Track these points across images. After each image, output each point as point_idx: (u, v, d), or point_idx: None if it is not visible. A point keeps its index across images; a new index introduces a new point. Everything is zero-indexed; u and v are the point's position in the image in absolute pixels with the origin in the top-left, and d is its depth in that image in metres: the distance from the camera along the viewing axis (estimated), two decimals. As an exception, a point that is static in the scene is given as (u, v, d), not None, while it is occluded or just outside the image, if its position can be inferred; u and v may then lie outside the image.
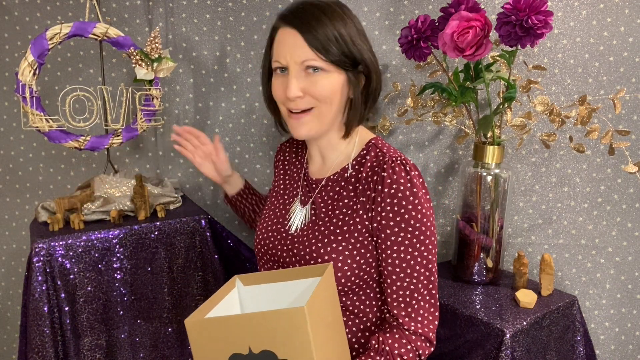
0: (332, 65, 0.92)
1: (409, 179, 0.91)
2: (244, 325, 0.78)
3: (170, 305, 1.34)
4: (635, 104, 1.41)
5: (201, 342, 0.81)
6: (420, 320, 0.93)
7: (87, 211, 1.32)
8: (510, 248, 1.52)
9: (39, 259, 1.18)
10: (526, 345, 1.16)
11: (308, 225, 1.00)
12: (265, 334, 0.77)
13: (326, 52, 0.90)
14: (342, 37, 0.91)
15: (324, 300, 0.85)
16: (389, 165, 0.92)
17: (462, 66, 1.30)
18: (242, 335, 0.78)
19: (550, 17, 1.07)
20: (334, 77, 0.93)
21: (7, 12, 1.53)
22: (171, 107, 1.60)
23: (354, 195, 0.97)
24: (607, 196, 1.47)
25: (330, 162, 1.05)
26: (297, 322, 0.75)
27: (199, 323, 0.80)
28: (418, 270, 0.92)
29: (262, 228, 1.09)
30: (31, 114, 1.26)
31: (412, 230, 0.91)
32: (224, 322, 0.79)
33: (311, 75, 0.93)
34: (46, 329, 1.18)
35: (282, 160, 1.19)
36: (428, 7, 1.44)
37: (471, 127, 1.38)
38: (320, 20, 0.90)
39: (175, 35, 1.54)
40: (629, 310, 1.52)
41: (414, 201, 0.91)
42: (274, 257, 1.04)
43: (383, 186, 0.92)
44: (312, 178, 1.06)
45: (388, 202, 0.91)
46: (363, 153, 1.00)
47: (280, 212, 1.08)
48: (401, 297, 0.93)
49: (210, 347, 0.80)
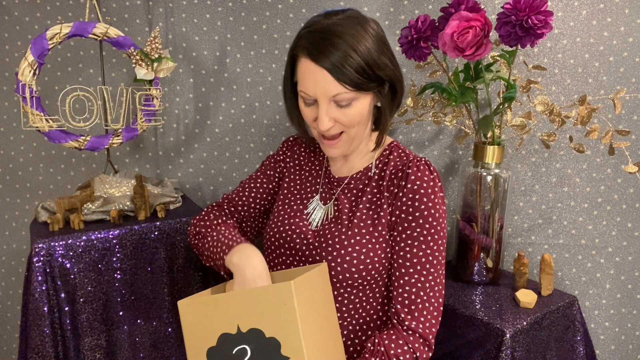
0: (360, 92, 0.93)
1: (432, 179, 0.97)
2: (232, 303, 0.80)
3: (170, 305, 1.34)
4: (635, 104, 1.41)
5: (192, 322, 0.83)
6: (422, 320, 0.93)
7: (87, 211, 1.32)
8: (510, 248, 1.52)
9: (39, 259, 1.18)
10: (526, 345, 1.16)
11: (331, 221, 1.03)
12: (252, 311, 0.78)
13: (355, 84, 0.91)
14: (367, 64, 0.90)
15: (316, 288, 0.86)
16: (414, 163, 0.98)
17: (462, 66, 1.30)
18: (230, 314, 0.80)
19: (550, 17, 1.07)
20: (361, 102, 0.94)
21: (7, 12, 1.53)
22: (171, 107, 1.60)
23: (378, 191, 1.01)
24: (607, 196, 1.47)
25: (353, 163, 1.08)
26: (284, 297, 0.76)
27: (190, 304, 0.83)
28: (428, 269, 0.94)
29: (278, 221, 1.08)
30: (31, 114, 1.26)
31: (428, 227, 0.95)
32: (213, 302, 0.81)
33: (341, 106, 0.94)
34: (46, 329, 1.18)
35: (297, 155, 1.18)
36: (428, 7, 1.44)
37: (471, 127, 1.38)
38: (344, 51, 0.88)
39: (175, 35, 1.54)
40: (629, 310, 1.52)
41: (434, 200, 0.96)
42: (290, 250, 1.05)
43: (407, 182, 0.97)
44: (334, 176, 1.09)
45: (410, 197, 0.96)
46: (386, 153, 1.05)
47: (297, 207, 1.09)
48: (407, 293, 0.94)
49: (200, 327, 0.82)
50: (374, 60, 0.91)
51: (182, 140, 1.62)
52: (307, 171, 1.15)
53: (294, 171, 1.16)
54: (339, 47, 0.88)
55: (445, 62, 1.31)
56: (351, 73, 0.89)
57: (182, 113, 1.61)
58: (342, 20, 0.91)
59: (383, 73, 0.94)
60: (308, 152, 1.17)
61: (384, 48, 0.95)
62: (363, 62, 0.90)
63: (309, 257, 1.02)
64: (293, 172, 1.16)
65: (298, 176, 1.16)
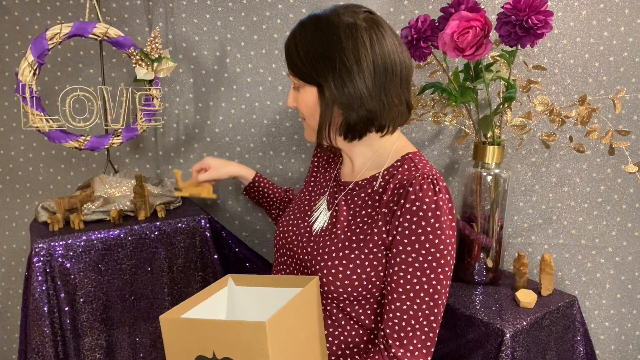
0: (300, 81, 0.94)
1: (435, 200, 0.87)
2: (210, 330, 0.80)
3: (170, 305, 1.34)
4: (635, 104, 1.41)
5: (172, 339, 0.84)
6: (410, 349, 0.88)
7: (87, 211, 1.32)
8: (510, 248, 1.52)
9: (39, 259, 1.18)
10: (526, 345, 1.16)
11: (327, 229, 0.99)
12: (228, 341, 0.79)
13: (290, 67, 0.94)
14: (299, 56, 0.92)
15: (297, 315, 0.85)
16: (417, 181, 0.89)
17: (462, 66, 1.30)
18: (208, 339, 0.80)
19: (550, 17, 1.07)
20: (305, 91, 0.95)
21: (7, 12, 1.53)
22: (171, 107, 1.60)
23: (378, 206, 0.94)
24: (607, 196, 1.47)
25: (359, 167, 1.03)
26: (258, 335, 0.76)
27: (171, 321, 0.83)
28: (422, 297, 0.87)
29: (283, 221, 1.08)
30: (31, 114, 1.26)
31: (425, 254, 0.87)
32: (192, 324, 0.82)
33: (296, 88, 0.98)
34: (46, 329, 1.18)
35: (320, 156, 1.18)
36: (428, 7, 1.44)
37: (471, 127, 1.38)
38: (293, 38, 0.93)
39: (175, 35, 1.54)
40: (629, 310, 1.52)
41: (435, 224, 0.86)
42: (289, 251, 1.04)
43: (406, 201, 0.88)
44: (341, 180, 1.05)
45: (407, 218, 0.87)
46: (396, 165, 0.96)
47: (304, 208, 1.08)
48: (397, 319, 0.88)
49: (179, 346, 0.83)
50: (309, 58, 0.91)
51: (182, 140, 1.62)
52: (322, 172, 1.14)
53: (315, 170, 1.17)
54: (295, 33, 0.93)
55: (445, 62, 1.31)
56: (291, 57, 0.93)
57: (182, 113, 1.61)
58: (322, 14, 0.93)
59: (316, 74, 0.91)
60: (328, 152, 1.16)
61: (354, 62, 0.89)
62: (296, 53, 0.92)
63: (302, 261, 1.00)
64: (314, 171, 1.17)
65: (315, 176, 1.15)
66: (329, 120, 0.93)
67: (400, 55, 0.92)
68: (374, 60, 0.89)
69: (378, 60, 0.89)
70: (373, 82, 0.90)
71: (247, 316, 0.98)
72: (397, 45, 0.92)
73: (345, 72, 0.88)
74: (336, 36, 0.88)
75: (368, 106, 0.91)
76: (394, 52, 0.91)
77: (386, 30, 0.92)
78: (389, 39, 0.91)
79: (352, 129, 0.94)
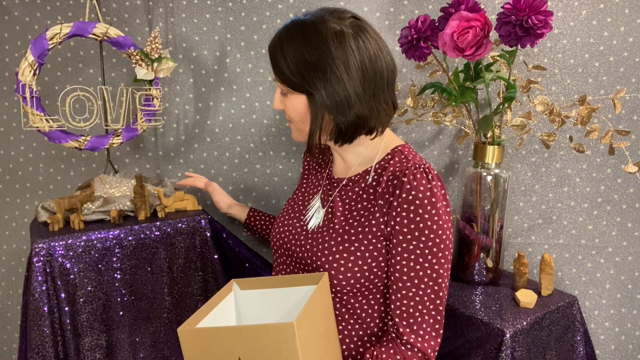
0: (287, 88, 0.95)
1: (430, 188, 0.91)
2: (234, 337, 0.79)
3: (170, 305, 1.34)
4: (635, 104, 1.41)
5: (193, 351, 0.81)
6: (421, 334, 0.91)
7: (87, 211, 1.32)
8: (510, 248, 1.52)
9: (39, 259, 1.18)
10: (526, 345, 1.16)
11: (324, 225, 1.01)
12: (254, 347, 0.78)
13: (277, 75, 0.95)
14: (287, 64, 0.91)
15: (317, 312, 0.85)
16: (410, 171, 0.92)
17: (462, 66, 1.30)
18: (232, 346, 0.79)
19: (550, 17, 1.07)
20: (293, 98, 0.95)
21: (7, 12, 1.53)
22: (171, 107, 1.60)
23: (373, 198, 0.96)
24: (607, 196, 1.47)
25: (351, 163, 1.05)
26: (286, 337, 0.75)
27: (190, 332, 0.81)
28: (426, 282, 0.91)
29: (279, 222, 1.10)
30: (31, 114, 1.26)
31: (425, 240, 0.90)
32: (214, 333, 0.80)
33: (283, 94, 0.99)
34: (46, 329, 1.18)
35: (310, 160, 1.21)
36: (428, 7, 1.44)
37: (471, 127, 1.38)
38: (279, 44, 0.93)
39: (175, 35, 1.54)
40: (629, 310, 1.52)
41: (432, 211, 0.90)
42: (288, 251, 1.05)
43: (401, 191, 0.91)
44: (334, 177, 1.08)
45: (405, 207, 0.90)
46: (387, 158, 1.00)
47: (298, 208, 1.10)
48: (404, 307, 0.91)
49: (201, 357, 0.81)
50: (298, 68, 0.91)
51: (182, 140, 1.62)
52: (314, 172, 1.16)
53: (307, 171, 1.19)
54: (281, 40, 0.93)
55: (445, 62, 1.31)
56: (278, 65, 0.93)
57: (182, 113, 1.61)
58: (308, 20, 0.92)
59: (304, 82, 0.92)
60: (318, 159, 1.18)
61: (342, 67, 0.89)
62: (285, 62, 0.92)
63: (302, 260, 1.01)
64: (305, 171, 1.19)
65: (307, 176, 1.17)
66: (320, 126, 0.95)
67: (386, 58, 0.94)
68: (362, 66, 0.91)
69: (366, 66, 0.91)
70: (363, 88, 0.92)
71: (258, 319, 0.98)
72: (382, 48, 0.94)
73: (336, 81, 0.90)
74: (325, 45, 0.89)
75: (359, 112, 0.93)
76: (380, 57, 0.93)
77: (371, 35, 0.93)
78: (374, 43, 0.93)
79: (343, 134, 0.96)
